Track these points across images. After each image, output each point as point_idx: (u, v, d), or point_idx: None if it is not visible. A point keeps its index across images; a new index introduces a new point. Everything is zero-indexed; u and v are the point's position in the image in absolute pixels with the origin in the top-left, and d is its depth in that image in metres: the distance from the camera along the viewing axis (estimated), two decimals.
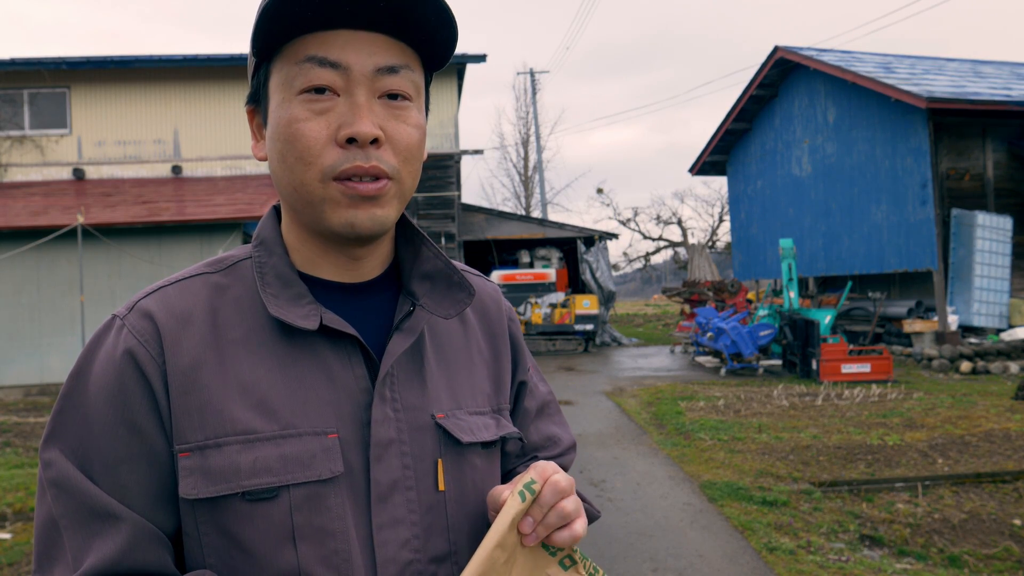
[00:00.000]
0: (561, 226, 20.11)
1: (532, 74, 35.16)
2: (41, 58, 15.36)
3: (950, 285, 13.56)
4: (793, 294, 12.42)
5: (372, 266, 0.92)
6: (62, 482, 0.78)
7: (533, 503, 0.80)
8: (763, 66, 17.60)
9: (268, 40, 0.82)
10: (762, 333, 12.14)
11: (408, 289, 0.93)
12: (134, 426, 0.79)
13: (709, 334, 12.86)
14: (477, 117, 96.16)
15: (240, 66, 15.65)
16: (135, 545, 0.77)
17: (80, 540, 0.77)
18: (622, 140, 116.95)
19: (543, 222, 20.68)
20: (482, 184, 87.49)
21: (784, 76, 17.73)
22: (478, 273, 1.07)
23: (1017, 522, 4.91)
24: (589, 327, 17.05)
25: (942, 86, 14.20)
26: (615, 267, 38.38)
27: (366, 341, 0.86)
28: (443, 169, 17.55)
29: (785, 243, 12.71)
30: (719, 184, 35.96)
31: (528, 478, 0.81)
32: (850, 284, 14.99)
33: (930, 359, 12.11)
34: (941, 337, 12.74)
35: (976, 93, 13.73)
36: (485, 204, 32.21)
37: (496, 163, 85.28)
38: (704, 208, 56.08)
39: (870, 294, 15.31)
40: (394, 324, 0.89)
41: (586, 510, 0.96)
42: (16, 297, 12.45)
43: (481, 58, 17.07)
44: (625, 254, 40.95)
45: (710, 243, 36.79)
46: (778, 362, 12.40)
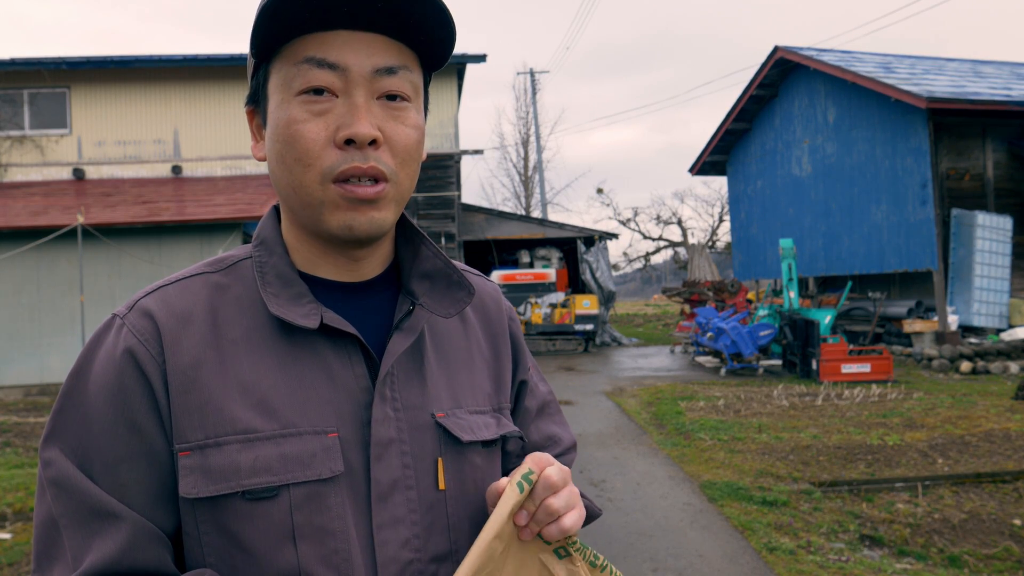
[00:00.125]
0: (561, 226, 20.11)
1: (532, 74, 35.18)
2: (41, 58, 15.36)
3: (950, 285, 13.56)
4: (793, 294, 12.42)
5: (372, 266, 0.92)
6: (62, 481, 0.78)
7: (530, 494, 0.80)
8: (763, 66, 17.59)
9: (267, 41, 0.83)
10: (762, 333, 12.13)
11: (408, 288, 0.93)
12: (134, 425, 0.80)
13: (709, 334, 12.85)
14: (477, 117, 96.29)
15: (240, 66, 15.65)
16: (135, 544, 0.77)
17: (80, 539, 0.77)
18: (622, 140, 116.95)
19: (543, 222, 20.68)
20: (482, 184, 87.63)
21: (784, 76, 17.73)
22: (478, 273, 1.07)
23: (1017, 522, 4.91)
24: (589, 327, 17.05)
25: (942, 86, 14.20)
26: (615, 267, 38.37)
27: (366, 340, 0.86)
28: (443, 169, 17.55)
29: (785, 243, 12.70)
30: (719, 184, 35.99)
31: (526, 468, 0.81)
32: (850, 284, 14.99)
33: (930, 359, 12.11)
34: (941, 337, 12.74)
35: (976, 93, 13.73)
36: (485, 204, 32.23)
37: (496, 163, 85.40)
38: (704, 208, 56.15)
39: (870, 294, 15.30)
40: (394, 323, 0.89)
41: (587, 507, 0.96)
42: (16, 297, 12.45)
43: (481, 58, 17.07)
44: (625, 254, 40.97)
45: (710, 243, 36.79)
46: (778, 362, 12.39)
